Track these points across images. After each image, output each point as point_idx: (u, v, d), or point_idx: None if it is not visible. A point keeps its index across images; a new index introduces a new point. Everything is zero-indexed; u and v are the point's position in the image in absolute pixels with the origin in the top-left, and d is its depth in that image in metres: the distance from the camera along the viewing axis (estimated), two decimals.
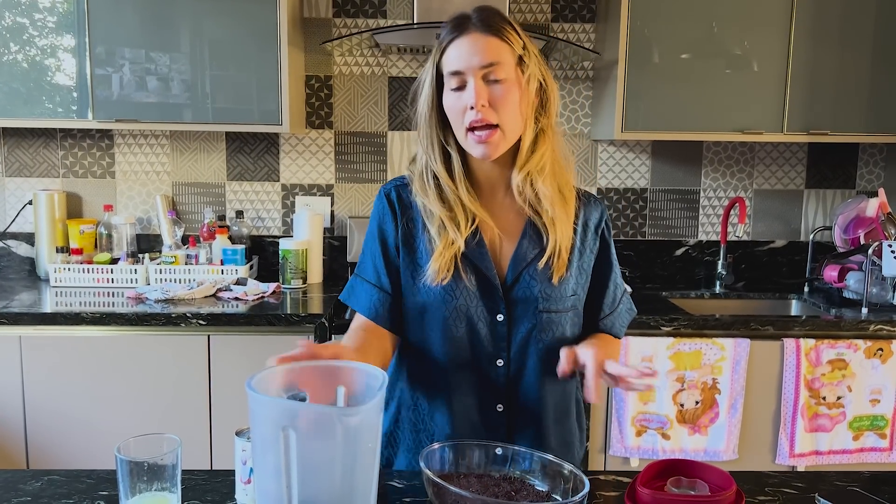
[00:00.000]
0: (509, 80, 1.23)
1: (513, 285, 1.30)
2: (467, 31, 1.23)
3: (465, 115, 1.23)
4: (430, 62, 1.28)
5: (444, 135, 1.30)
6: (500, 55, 1.22)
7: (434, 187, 1.30)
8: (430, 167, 1.31)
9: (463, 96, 1.23)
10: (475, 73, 1.21)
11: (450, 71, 1.24)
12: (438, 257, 1.26)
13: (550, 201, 1.28)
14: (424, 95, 1.29)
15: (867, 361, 2.41)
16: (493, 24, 1.23)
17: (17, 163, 2.90)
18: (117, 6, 2.49)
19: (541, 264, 1.29)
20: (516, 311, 1.31)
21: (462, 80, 1.23)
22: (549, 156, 1.29)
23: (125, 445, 0.94)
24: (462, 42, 1.23)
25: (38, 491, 1.13)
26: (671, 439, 2.41)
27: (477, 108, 1.21)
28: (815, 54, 2.62)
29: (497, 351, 1.31)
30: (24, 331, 2.29)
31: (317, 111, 2.93)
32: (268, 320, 2.31)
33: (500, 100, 1.22)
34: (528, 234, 1.31)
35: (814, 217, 3.07)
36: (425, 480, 1.07)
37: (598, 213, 1.39)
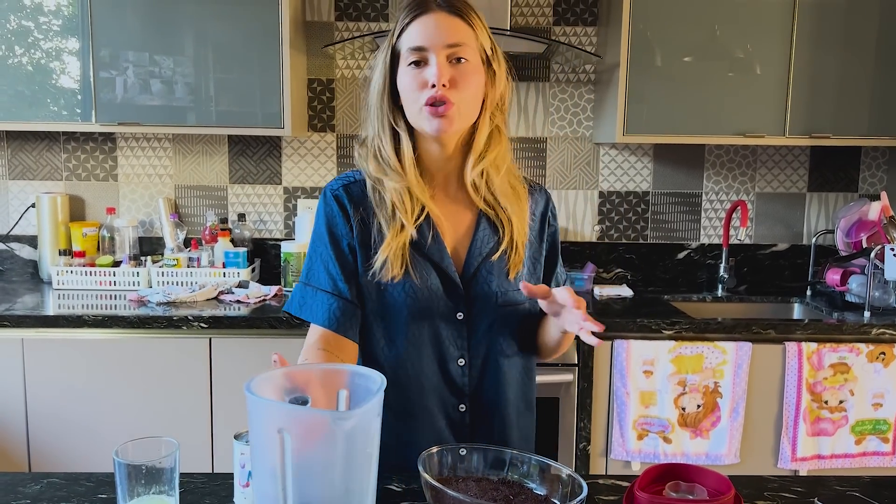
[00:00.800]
0: (473, 64, 1.21)
1: (470, 281, 1.29)
2: (432, 10, 1.20)
3: (423, 92, 1.19)
4: (385, 44, 1.24)
5: (393, 117, 1.26)
6: (466, 37, 1.21)
7: (378, 171, 1.26)
8: (381, 148, 1.27)
9: (424, 73, 1.19)
10: (439, 51, 1.19)
11: (411, 47, 1.20)
12: (387, 247, 1.23)
13: (506, 197, 1.29)
14: (378, 73, 1.25)
15: (869, 365, 2.40)
16: (458, 7, 1.22)
17: (21, 165, 2.92)
18: (121, 10, 2.50)
19: (495, 257, 1.29)
20: (475, 308, 1.29)
21: (423, 56, 1.19)
22: (501, 154, 1.29)
23: (123, 448, 0.95)
24: (426, 19, 1.20)
25: (37, 494, 1.13)
26: (672, 443, 2.41)
27: (438, 85, 1.17)
28: (817, 57, 2.62)
29: (458, 350, 1.30)
30: (26, 333, 2.30)
31: (319, 114, 2.94)
32: (269, 323, 2.31)
33: (461, 80, 1.20)
34: (481, 228, 1.30)
35: (816, 220, 3.07)
36: (423, 484, 1.07)
37: (544, 201, 1.39)
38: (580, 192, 3.01)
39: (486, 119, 1.27)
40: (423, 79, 1.19)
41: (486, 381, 1.32)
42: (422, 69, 1.20)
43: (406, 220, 1.23)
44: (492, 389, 1.33)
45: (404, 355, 1.28)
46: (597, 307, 2.58)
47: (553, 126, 2.97)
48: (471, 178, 1.28)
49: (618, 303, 2.67)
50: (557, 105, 2.96)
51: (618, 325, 2.38)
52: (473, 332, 1.30)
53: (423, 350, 1.28)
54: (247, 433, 1.12)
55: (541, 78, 2.94)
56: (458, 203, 1.31)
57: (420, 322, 1.27)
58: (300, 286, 1.32)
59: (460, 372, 1.31)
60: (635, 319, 2.39)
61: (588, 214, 3.02)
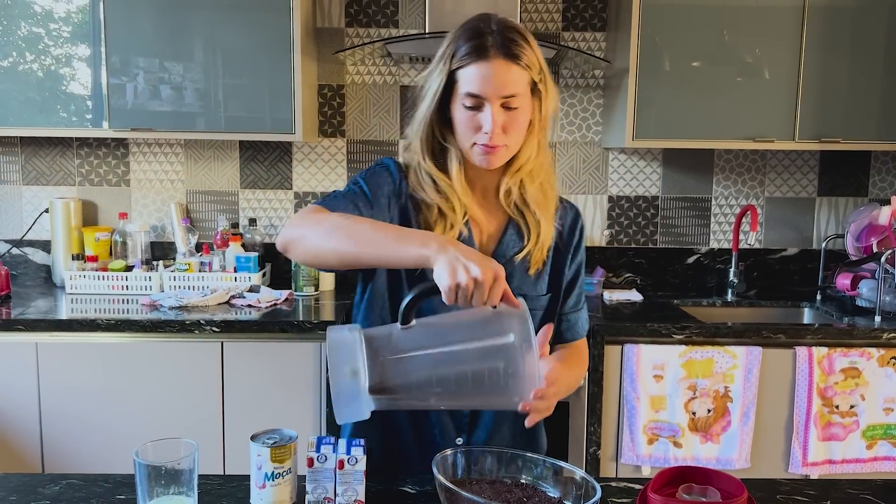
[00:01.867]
0: (523, 107, 1.26)
1: None
2: (490, 55, 1.22)
3: (477, 135, 1.26)
4: (443, 64, 1.27)
5: (442, 134, 1.31)
6: (519, 85, 1.24)
7: (430, 182, 1.31)
8: (422, 166, 1.32)
9: (477, 116, 1.25)
10: (494, 101, 1.23)
11: (468, 92, 1.24)
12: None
13: (536, 203, 1.34)
14: (430, 96, 1.29)
15: (880, 370, 2.39)
16: (515, 53, 1.23)
17: (35, 171, 2.94)
18: (132, 16, 2.52)
19: (518, 257, 1.34)
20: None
21: (479, 103, 1.24)
22: (539, 165, 1.34)
23: (143, 449, 0.96)
24: (485, 67, 1.22)
25: (56, 494, 1.15)
26: (683, 447, 2.41)
27: (492, 134, 1.24)
28: (826, 61, 2.62)
29: None
30: (40, 337, 2.32)
31: (329, 120, 2.95)
32: (280, 327, 2.33)
33: (511, 125, 1.26)
34: (508, 233, 1.36)
35: (826, 225, 3.07)
36: (438, 486, 1.07)
37: (573, 214, 1.45)
38: (590, 196, 3.01)
39: (532, 140, 1.32)
40: (477, 123, 1.25)
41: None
42: (476, 112, 1.25)
43: (455, 221, 1.30)
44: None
45: None
46: (606, 312, 2.58)
47: (562, 131, 2.98)
48: (506, 186, 1.34)
49: (627, 307, 2.67)
50: (567, 110, 2.97)
51: (628, 329, 2.38)
52: None
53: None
54: (263, 434, 1.13)
55: None
56: (490, 207, 1.37)
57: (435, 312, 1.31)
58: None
59: None
60: (645, 324, 2.39)
61: (598, 219, 3.03)
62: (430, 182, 1.31)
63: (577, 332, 1.48)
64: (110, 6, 2.51)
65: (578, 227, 1.44)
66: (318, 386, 2.36)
